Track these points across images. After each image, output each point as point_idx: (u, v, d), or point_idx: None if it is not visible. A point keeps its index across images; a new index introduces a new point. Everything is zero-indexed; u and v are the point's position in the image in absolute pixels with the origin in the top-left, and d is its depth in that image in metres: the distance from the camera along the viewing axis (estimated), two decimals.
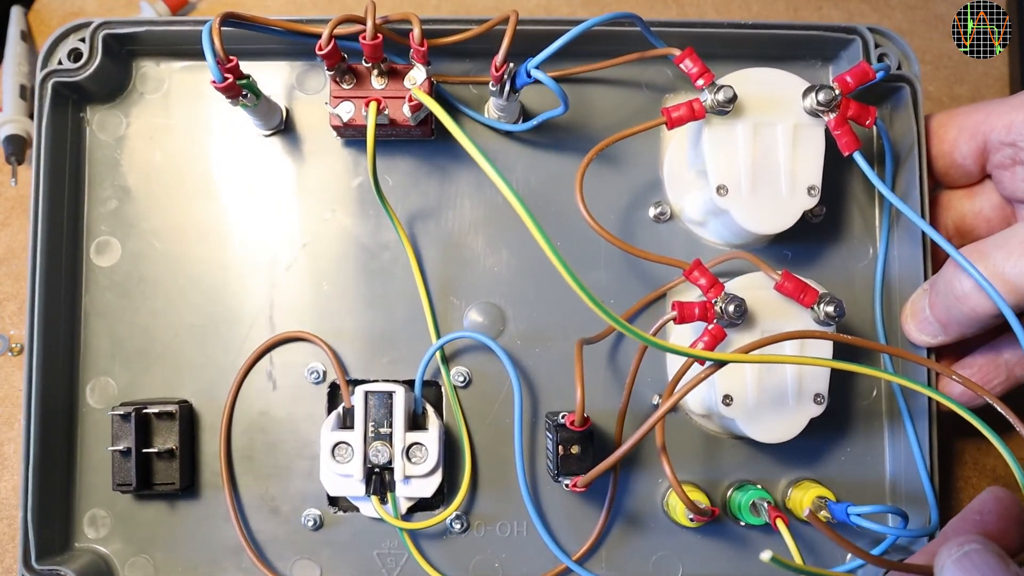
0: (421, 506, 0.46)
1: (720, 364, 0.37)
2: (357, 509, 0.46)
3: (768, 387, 0.42)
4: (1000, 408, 0.37)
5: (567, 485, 0.41)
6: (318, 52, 0.40)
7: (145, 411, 0.44)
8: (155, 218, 0.47)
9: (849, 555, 0.47)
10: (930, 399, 0.46)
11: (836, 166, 0.47)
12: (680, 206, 0.48)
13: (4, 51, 0.55)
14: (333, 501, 0.47)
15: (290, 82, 0.48)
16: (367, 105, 0.41)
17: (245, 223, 0.47)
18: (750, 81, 0.43)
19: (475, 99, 0.48)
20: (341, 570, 0.46)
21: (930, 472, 0.45)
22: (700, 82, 0.42)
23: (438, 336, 0.46)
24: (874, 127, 0.47)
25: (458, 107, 0.47)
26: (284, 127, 0.47)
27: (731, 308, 0.41)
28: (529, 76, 0.41)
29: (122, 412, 0.44)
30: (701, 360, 0.39)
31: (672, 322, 0.42)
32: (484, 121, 0.47)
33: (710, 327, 0.41)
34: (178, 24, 0.45)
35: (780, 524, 0.42)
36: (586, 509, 0.47)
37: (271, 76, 0.47)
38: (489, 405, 0.47)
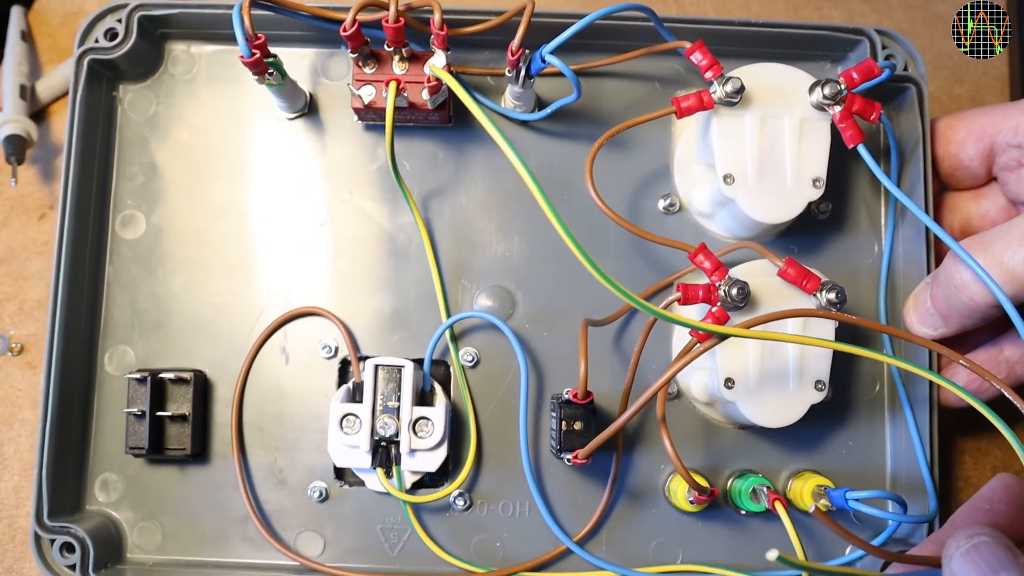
0: (425, 484, 0.47)
1: (722, 337, 0.38)
2: (363, 483, 0.46)
3: (770, 370, 0.43)
4: (1007, 392, 0.37)
5: (568, 460, 0.42)
6: (342, 33, 0.42)
7: (161, 376, 0.46)
8: (180, 195, 0.49)
9: (849, 547, 0.47)
10: (931, 385, 0.46)
11: (842, 163, 0.48)
12: (689, 198, 0.49)
13: (4, 51, 0.56)
14: (339, 475, 0.47)
15: (315, 68, 0.49)
16: (387, 85, 0.43)
17: (266, 202, 0.49)
18: (758, 75, 0.44)
19: (492, 89, 0.49)
20: (344, 543, 0.47)
21: (929, 461, 0.46)
22: (709, 74, 0.43)
23: (449, 318, 0.47)
24: (880, 125, 0.48)
25: (475, 96, 0.49)
26: (308, 111, 0.49)
27: (734, 291, 0.42)
28: (544, 62, 0.43)
29: (138, 376, 0.45)
30: (703, 336, 0.40)
31: (676, 303, 0.43)
32: (500, 110, 0.48)
33: (713, 309, 0.42)
34: (210, 7, 0.47)
35: (779, 507, 0.42)
36: (588, 492, 0.47)
37: (296, 62, 0.49)
38: (496, 386, 0.48)
